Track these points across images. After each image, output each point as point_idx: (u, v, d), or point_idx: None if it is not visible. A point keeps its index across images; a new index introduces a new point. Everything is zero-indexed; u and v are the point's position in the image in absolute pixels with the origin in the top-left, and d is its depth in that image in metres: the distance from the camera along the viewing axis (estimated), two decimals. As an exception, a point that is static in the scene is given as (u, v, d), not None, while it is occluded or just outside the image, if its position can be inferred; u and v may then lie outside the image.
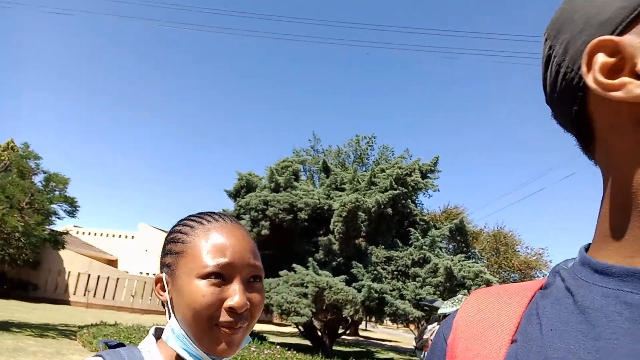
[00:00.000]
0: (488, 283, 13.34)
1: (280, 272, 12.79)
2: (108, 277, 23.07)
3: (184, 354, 0.74)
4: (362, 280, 12.82)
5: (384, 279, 13.43)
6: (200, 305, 0.71)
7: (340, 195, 14.31)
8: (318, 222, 14.19)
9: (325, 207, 13.86)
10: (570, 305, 0.41)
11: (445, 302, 8.45)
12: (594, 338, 0.38)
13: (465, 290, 12.99)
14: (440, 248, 14.83)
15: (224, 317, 0.72)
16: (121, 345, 0.80)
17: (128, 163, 75.01)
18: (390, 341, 29.18)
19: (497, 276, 15.00)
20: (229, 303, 0.71)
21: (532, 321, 0.44)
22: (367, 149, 26.52)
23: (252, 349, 10.96)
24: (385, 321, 16.34)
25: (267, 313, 16.72)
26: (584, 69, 0.40)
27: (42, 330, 11.39)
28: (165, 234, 0.83)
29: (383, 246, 14.07)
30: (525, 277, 18.02)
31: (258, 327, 21.85)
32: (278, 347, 11.55)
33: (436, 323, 7.87)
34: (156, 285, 0.81)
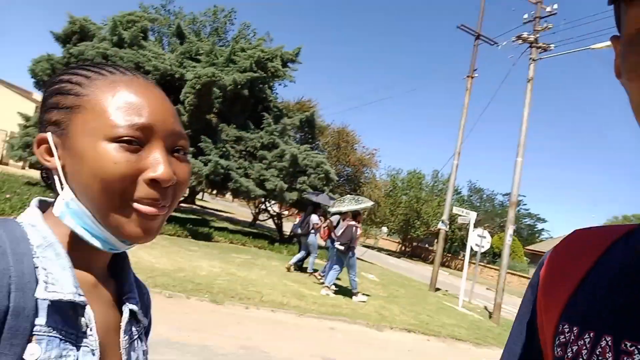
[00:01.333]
0: (327, 173, 14.39)
1: (119, 140, 11.65)
2: None
3: (84, 235, 0.58)
4: (209, 155, 12.55)
5: (231, 157, 13.37)
6: (111, 174, 0.54)
7: (195, 67, 13.19)
8: (166, 90, 12.42)
9: (177, 76, 12.69)
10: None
11: (345, 199, 8.87)
12: None
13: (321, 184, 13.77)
14: (289, 136, 15.20)
15: (142, 192, 0.56)
16: None
17: None
18: (225, 212, 30.25)
19: (334, 168, 16.20)
20: (150, 174, 0.56)
21: (600, 272, 0.47)
22: (225, 22, 24.68)
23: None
24: (226, 195, 16.58)
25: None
26: None
27: None
28: None
29: (235, 126, 13.78)
30: (358, 172, 19.99)
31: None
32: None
33: (338, 216, 8.23)
34: (38, 146, 0.61)
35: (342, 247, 8.85)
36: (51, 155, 0.60)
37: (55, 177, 0.60)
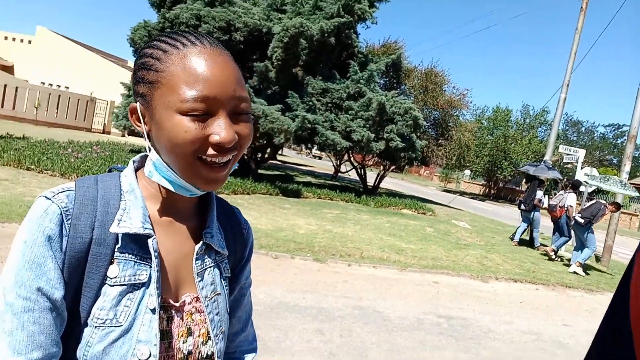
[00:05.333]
0: (415, 119, 14.01)
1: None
2: (5, 85, 20.49)
3: (166, 184, 0.74)
4: (296, 110, 12.70)
5: (317, 110, 13.44)
6: (183, 140, 0.67)
7: (281, 18, 13.08)
8: (254, 46, 13.13)
9: (264, 30, 12.69)
10: None
11: (610, 178, 8.79)
12: None
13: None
14: (376, 83, 14.85)
15: (209, 151, 0.69)
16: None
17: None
18: (305, 165, 31.00)
19: (423, 113, 15.69)
20: (215, 139, 0.68)
21: None
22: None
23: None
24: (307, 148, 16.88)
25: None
26: None
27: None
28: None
29: (321, 77, 13.70)
30: (446, 115, 19.15)
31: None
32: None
33: (566, 191, 8.39)
34: (131, 116, 0.75)
35: (582, 220, 8.94)
36: (140, 122, 0.74)
37: (145, 141, 0.75)
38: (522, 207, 11.03)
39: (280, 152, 38.16)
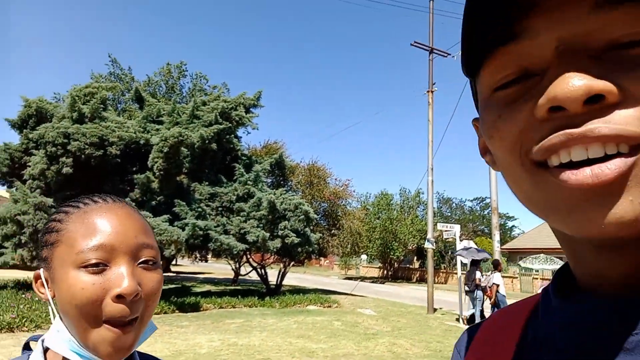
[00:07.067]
0: (306, 214, 14.28)
1: (89, 216, 11.11)
2: None
3: (73, 357, 0.65)
4: (185, 218, 12.18)
5: (208, 216, 13.04)
6: (80, 300, 0.61)
7: (159, 129, 12.96)
8: (132, 158, 12.65)
9: (142, 142, 12.39)
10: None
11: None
12: None
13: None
14: (263, 182, 15.08)
15: (111, 310, 0.61)
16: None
17: None
18: (202, 273, 29.35)
19: (311, 207, 16.12)
20: (115, 291, 0.61)
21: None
22: (179, 77, 24.62)
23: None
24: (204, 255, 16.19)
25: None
26: None
27: None
28: None
29: (207, 182, 13.53)
30: (334, 205, 19.92)
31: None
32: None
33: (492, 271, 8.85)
34: (35, 282, 0.71)
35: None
36: (44, 288, 0.67)
37: (50, 308, 0.68)
38: (466, 288, 11.69)
39: (174, 262, 35.79)
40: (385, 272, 38.39)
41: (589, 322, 0.36)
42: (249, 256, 16.00)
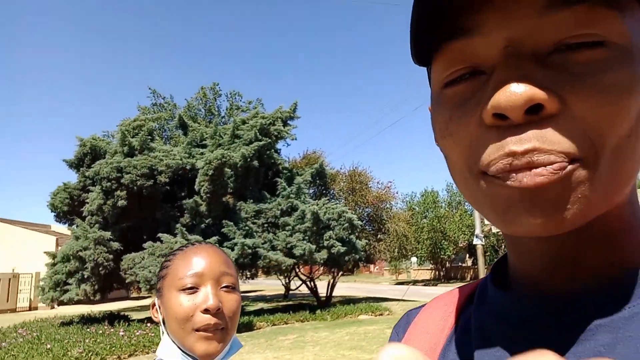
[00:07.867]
0: (350, 221, 14.37)
1: (145, 245, 11.72)
2: None
3: None
4: (234, 238, 12.61)
5: (255, 233, 13.41)
6: (179, 314, 0.82)
7: (203, 153, 13.51)
8: (180, 184, 13.28)
9: (188, 167, 12.97)
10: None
11: None
12: None
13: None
14: (305, 194, 15.32)
15: (201, 320, 0.82)
16: None
17: None
18: (253, 291, 29.79)
19: (355, 213, 16.18)
20: (202, 306, 0.82)
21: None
22: (214, 98, 25.39)
23: (121, 332, 10.11)
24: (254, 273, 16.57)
25: (123, 289, 15.53)
26: None
27: None
28: None
29: (251, 200, 13.93)
30: (378, 210, 19.87)
31: (116, 305, 20.23)
32: (149, 324, 10.90)
33: None
34: (152, 309, 0.93)
35: None
36: (158, 313, 0.90)
37: (160, 329, 0.90)
38: None
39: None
40: (437, 273, 37.63)
41: (520, 315, 0.37)
42: (297, 270, 16.26)
